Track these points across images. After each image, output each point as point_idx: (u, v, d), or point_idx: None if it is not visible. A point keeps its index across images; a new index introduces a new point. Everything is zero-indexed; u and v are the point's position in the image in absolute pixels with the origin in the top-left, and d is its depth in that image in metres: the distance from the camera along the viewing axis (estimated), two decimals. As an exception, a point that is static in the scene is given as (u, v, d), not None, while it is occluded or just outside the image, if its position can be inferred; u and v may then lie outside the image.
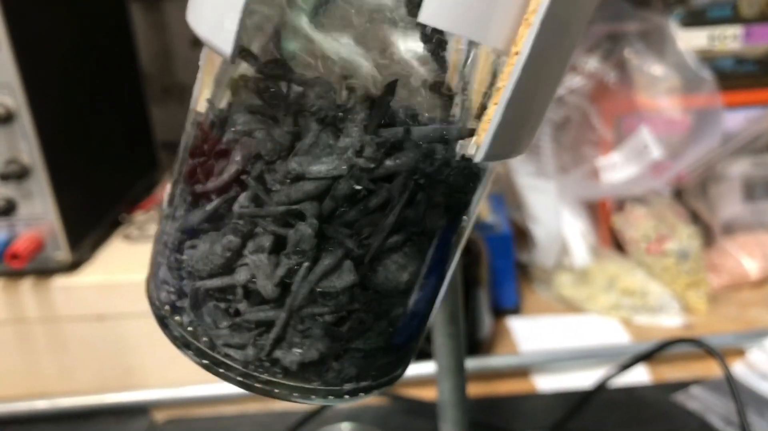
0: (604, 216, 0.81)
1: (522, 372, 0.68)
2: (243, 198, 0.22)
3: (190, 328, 0.24)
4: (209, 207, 0.22)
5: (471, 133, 0.21)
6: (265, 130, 0.21)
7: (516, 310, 0.77)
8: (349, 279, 0.22)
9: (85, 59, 0.75)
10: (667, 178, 0.75)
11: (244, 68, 0.22)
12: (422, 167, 0.21)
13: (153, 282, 0.26)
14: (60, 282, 0.66)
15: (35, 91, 0.62)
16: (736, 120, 0.76)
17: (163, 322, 0.25)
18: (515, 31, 0.18)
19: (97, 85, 0.77)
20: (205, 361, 0.24)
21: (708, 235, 0.80)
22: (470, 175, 0.23)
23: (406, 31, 0.21)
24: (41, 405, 0.66)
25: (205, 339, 0.23)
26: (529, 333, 0.74)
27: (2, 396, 0.68)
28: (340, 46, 0.20)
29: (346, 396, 0.24)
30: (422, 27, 0.20)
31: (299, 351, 0.22)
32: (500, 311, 0.76)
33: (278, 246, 0.22)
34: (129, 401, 0.66)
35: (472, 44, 0.21)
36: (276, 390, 0.23)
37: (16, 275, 0.66)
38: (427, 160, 0.21)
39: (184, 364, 0.68)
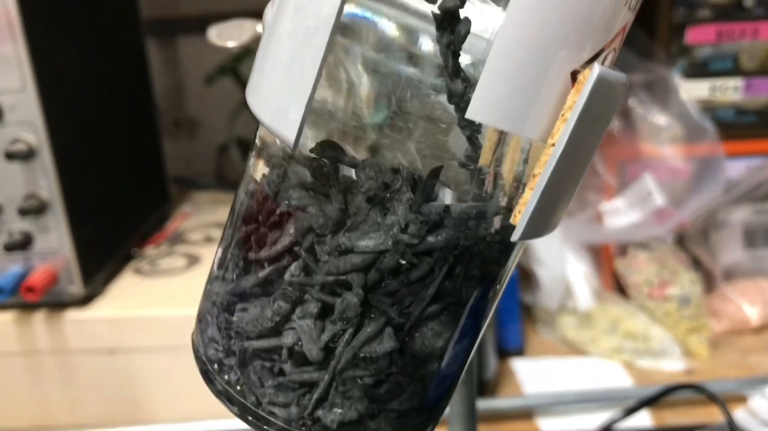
0: (606, 261, 0.82)
1: (526, 414, 0.69)
2: (294, 267, 0.23)
3: (238, 387, 0.25)
4: (262, 274, 0.24)
5: (507, 210, 0.23)
6: (318, 206, 0.23)
7: (520, 352, 0.78)
8: (389, 346, 0.23)
9: (104, 95, 0.77)
10: (670, 225, 0.76)
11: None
12: (461, 242, 0.23)
13: (200, 338, 0.27)
14: (72, 315, 0.67)
15: (57, 128, 0.64)
16: (737, 169, 0.78)
17: (208, 377, 0.26)
18: (552, 124, 0.20)
19: (114, 121, 0.79)
20: (248, 417, 0.25)
21: (709, 281, 0.81)
22: (504, 247, 0.24)
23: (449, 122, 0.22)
24: (50, 437, 0.66)
25: (251, 397, 0.25)
26: (533, 375, 0.74)
27: (11, 427, 0.68)
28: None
29: (380, 454, 0.25)
30: (461, 114, 0.22)
31: (340, 411, 0.24)
32: (504, 352, 0.77)
33: (324, 312, 0.23)
34: (137, 435, 0.67)
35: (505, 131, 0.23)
36: None
37: (29, 308, 0.67)
38: (466, 236, 0.23)
39: (192, 400, 0.69)
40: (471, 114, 0.20)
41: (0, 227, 0.65)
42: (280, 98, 0.21)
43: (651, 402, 0.62)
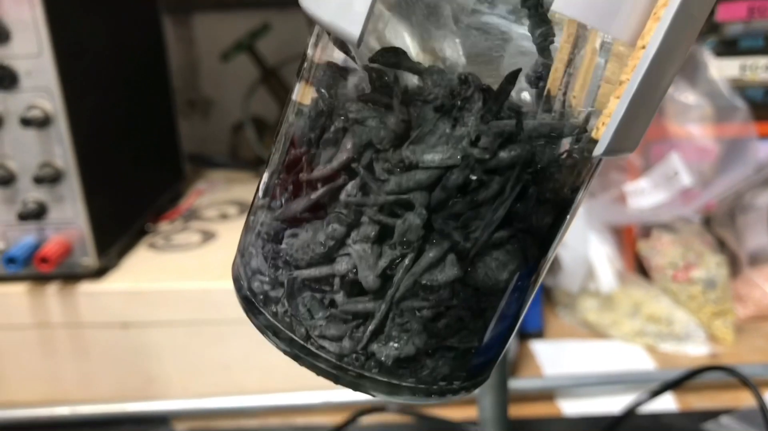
0: (629, 242, 0.81)
1: (547, 395, 0.68)
2: (351, 186, 0.22)
3: (286, 319, 0.23)
4: (315, 195, 0.22)
5: (584, 129, 0.21)
6: (378, 118, 0.21)
7: (540, 334, 0.76)
8: (452, 273, 0.21)
9: (120, 68, 0.76)
10: (696, 206, 0.74)
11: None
12: (535, 161, 0.21)
13: (242, 271, 0.26)
14: (86, 288, 0.66)
15: (73, 96, 0.63)
16: (766, 150, 0.76)
17: (252, 310, 0.25)
18: (642, 24, 0.18)
19: (131, 95, 0.78)
20: (296, 351, 0.23)
21: (734, 265, 0.79)
22: (578, 171, 0.23)
23: (516, 22, 0.21)
24: (62, 411, 0.65)
25: (301, 329, 0.23)
26: (553, 358, 0.73)
27: (23, 401, 0.67)
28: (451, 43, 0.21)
29: (434, 396, 0.23)
30: (534, 19, 0.20)
31: (396, 345, 0.22)
32: (524, 335, 0.76)
33: (383, 236, 0.22)
34: (150, 410, 0.66)
35: (580, 39, 0.21)
36: (366, 384, 0.23)
37: (42, 279, 0.66)
38: (540, 154, 0.21)
39: (206, 375, 0.68)
40: (558, 6, 0.18)
41: (14, 196, 0.64)
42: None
43: (677, 384, 0.60)
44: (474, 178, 0.21)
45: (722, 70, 0.75)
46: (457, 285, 0.22)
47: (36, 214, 0.64)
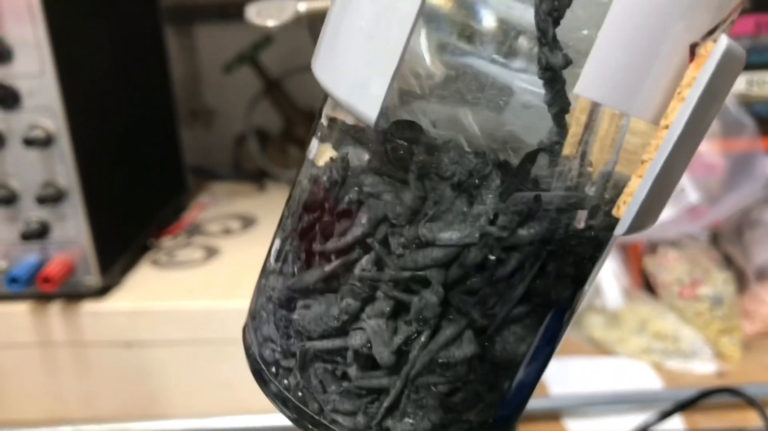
0: (635, 259, 0.80)
1: (553, 415, 0.67)
2: (365, 260, 0.21)
3: (299, 393, 0.23)
4: (328, 268, 0.22)
5: (605, 202, 0.21)
6: (394, 193, 0.20)
7: (546, 351, 0.76)
8: (469, 350, 0.21)
9: (123, 83, 0.75)
10: (704, 224, 0.74)
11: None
12: (555, 236, 0.20)
13: (253, 336, 0.25)
14: (89, 307, 0.66)
15: (75, 115, 0.62)
16: (772, 166, 0.76)
17: (261, 378, 0.24)
18: (666, 103, 0.18)
19: (133, 109, 0.77)
20: (308, 424, 0.23)
21: (741, 281, 0.79)
22: (597, 243, 0.22)
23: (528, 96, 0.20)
24: (64, 430, 0.65)
25: (314, 404, 0.22)
26: (559, 375, 0.72)
27: (25, 420, 0.67)
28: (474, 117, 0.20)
29: (449, 467, 0.23)
30: (550, 92, 0.19)
31: (411, 421, 0.22)
32: (530, 351, 0.75)
33: (397, 312, 0.21)
34: (153, 430, 0.65)
35: (596, 109, 0.20)
36: None
37: (45, 298, 0.65)
38: (558, 229, 0.21)
39: (210, 394, 0.68)
40: (581, 89, 0.18)
41: (17, 215, 0.64)
42: (359, 70, 0.19)
43: (687, 405, 0.59)
44: (492, 257, 0.20)
45: (730, 85, 0.74)
46: (475, 361, 0.21)
47: (39, 233, 0.63)
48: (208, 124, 1.07)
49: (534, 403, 0.67)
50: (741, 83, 0.75)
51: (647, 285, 0.80)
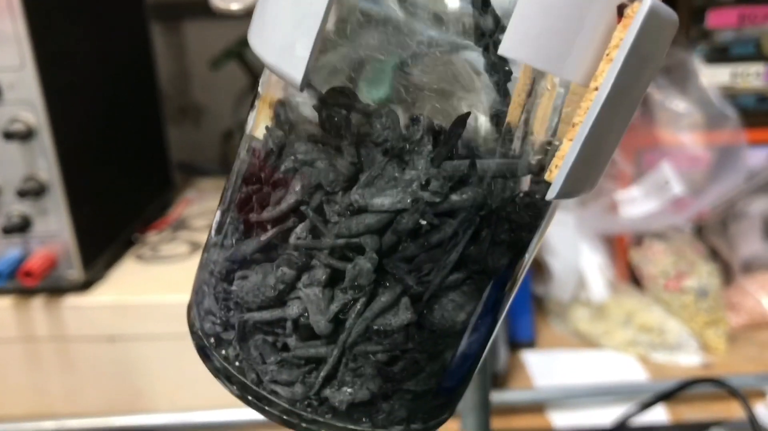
0: (621, 251, 0.80)
1: (538, 407, 0.67)
2: (300, 229, 0.21)
3: (237, 363, 0.23)
4: (264, 237, 0.22)
5: (539, 168, 0.21)
6: (327, 160, 0.20)
7: (531, 344, 0.76)
8: (405, 317, 0.21)
9: (106, 77, 0.75)
10: (688, 215, 0.74)
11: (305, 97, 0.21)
12: (488, 202, 0.20)
13: (196, 311, 0.25)
14: (71, 301, 0.65)
15: (56, 108, 0.62)
16: (757, 158, 0.76)
17: (204, 353, 0.24)
18: (595, 65, 0.18)
19: (117, 104, 0.77)
20: (248, 397, 0.23)
21: (727, 274, 0.79)
22: (534, 211, 0.22)
23: (474, 63, 0.20)
24: (48, 425, 0.65)
25: (252, 375, 0.22)
26: (544, 368, 0.72)
27: (9, 415, 0.67)
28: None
29: (394, 439, 0.23)
30: (489, 58, 0.19)
31: (350, 390, 0.22)
32: (515, 344, 0.75)
33: (333, 280, 0.21)
34: (137, 425, 0.65)
35: (538, 76, 0.20)
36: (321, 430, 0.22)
37: (27, 293, 0.65)
38: (493, 196, 0.20)
39: (194, 389, 0.67)
40: (504, 50, 0.17)
41: (-2, 209, 0.63)
42: (286, 33, 0.18)
43: (669, 396, 0.59)
44: (424, 222, 0.20)
45: (713, 77, 0.74)
46: (412, 329, 0.21)
47: (20, 227, 0.63)
48: (196, 121, 1.07)
49: (519, 395, 0.67)
50: (725, 75, 0.75)
51: (633, 277, 0.80)
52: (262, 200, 0.22)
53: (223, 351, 0.23)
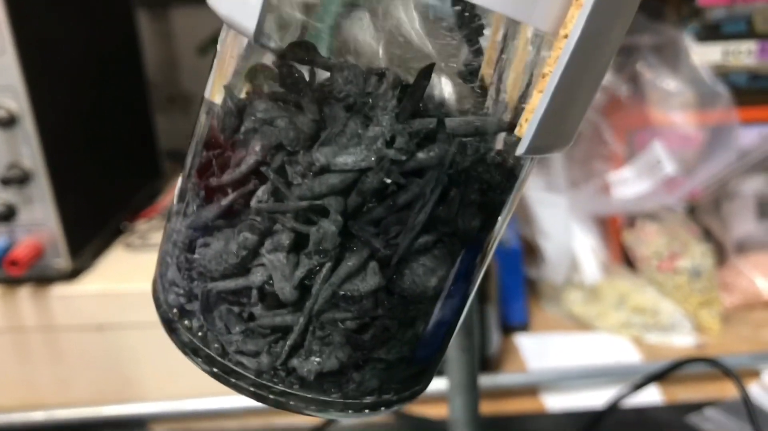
0: (614, 233, 0.79)
1: (531, 390, 0.66)
2: (261, 192, 0.20)
3: (200, 333, 0.22)
4: (224, 201, 0.21)
5: (510, 126, 0.20)
6: (288, 118, 0.20)
7: (524, 327, 0.75)
8: (374, 282, 0.20)
9: (91, 65, 0.74)
10: (680, 194, 0.73)
11: (264, 56, 0.21)
12: (457, 161, 0.20)
13: (160, 284, 0.24)
14: (59, 290, 0.65)
15: (39, 94, 0.61)
16: (749, 136, 0.75)
17: (170, 326, 0.23)
18: (564, 12, 0.17)
19: (102, 91, 0.76)
20: (214, 369, 0.22)
21: (720, 254, 0.78)
22: (507, 171, 0.21)
23: (441, 15, 0.19)
24: (38, 416, 0.64)
25: (216, 345, 0.22)
26: (538, 351, 0.72)
27: (-3, 406, 0.66)
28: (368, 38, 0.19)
29: (366, 410, 0.22)
30: (459, 10, 0.18)
31: (318, 359, 0.21)
32: (508, 328, 0.75)
33: (298, 245, 0.20)
34: (127, 414, 0.65)
35: (510, 31, 0.20)
36: (291, 402, 0.22)
37: (14, 282, 0.65)
38: (462, 154, 0.20)
39: (184, 377, 0.67)
40: None
41: (-19, 198, 0.63)
42: (239, -18, 0.18)
43: (661, 376, 0.59)
44: (389, 181, 0.19)
45: (704, 55, 0.74)
46: (382, 294, 0.21)
47: (4, 216, 0.62)
48: (185, 109, 1.06)
49: (512, 378, 0.67)
50: (716, 53, 0.74)
51: (626, 259, 0.80)
52: (222, 164, 0.21)
53: (187, 322, 0.22)
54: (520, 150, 0.18)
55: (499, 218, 0.22)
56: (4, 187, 0.62)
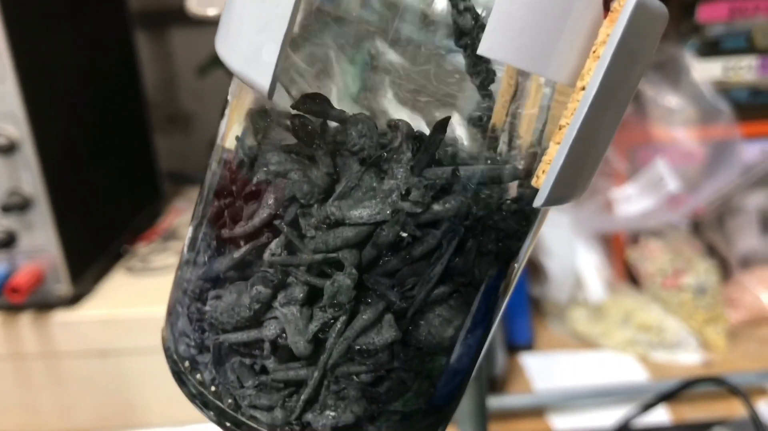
0: (618, 250, 0.79)
1: (538, 411, 0.66)
2: (275, 245, 0.20)
3: (212, 388, 0.22)
4: (237, 254, 0.20)
5: (525, 173, 0.20)
6: (302, 171, 0.19)
7: (529, 346, 0.75)
8: (389, 335, 0.20)
9: (90, 88, 0.74)
10: (684, 211, 0.73)
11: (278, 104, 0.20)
12: (473, 211, 0.19)
13: (170, 333, 0.24)
14: (60, 316, 0.64)
15: (39, 121, 0.61)
16: (752, 152, 0.75)
17: (180, 378, 0.23)
18: (581, 63, 0.17)
19: (102, 114, 0.76)
20: (226, 422, 0.21)
21: (725, 269, 0.78)
22: (522, 219, 0.21)
23: (452, 64, 0.19)
24: (39, 444, 0.63)
25: (229, 400, 0.21)
26: (543, 370, 0.71)
27: (-1, 434, 0.65)
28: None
29: (381, 463, 0.22)
30: (470, 59, 0.18)
31: (333, 414, 0.20)
32: (513, 347, 0.74)
33: (312, 298, 0.20)
34: (130, 440, 0.64)
35: (522, 77, 0.19)
36: None
37: (15, 309, 0.64)
38: (478, 204, 0.19)
39: (187, 402, 0.66)
40: (484, 50, 0.16)
41: (-19, 225, 0.62)
42: (252, 39, 0.17)
43: (670, 396, 0.58)
44: (405, 234, 0.19)
45: (705, 71, 0.74)
46: (397, 347, 0.20)
47: (5, 242, 0.62)
48: (185, 129, 1.05)
49: (518, 400, 0.66)
50: (717, 69, 0.74)
51: (631, 276, 0.79)
52: (234, 214, 0.21)
53: (199, 375, 0.22)
54: (538, 202, 0.18)
55: (515, 264, 0.22)
56: (5, 214, 0.61)
